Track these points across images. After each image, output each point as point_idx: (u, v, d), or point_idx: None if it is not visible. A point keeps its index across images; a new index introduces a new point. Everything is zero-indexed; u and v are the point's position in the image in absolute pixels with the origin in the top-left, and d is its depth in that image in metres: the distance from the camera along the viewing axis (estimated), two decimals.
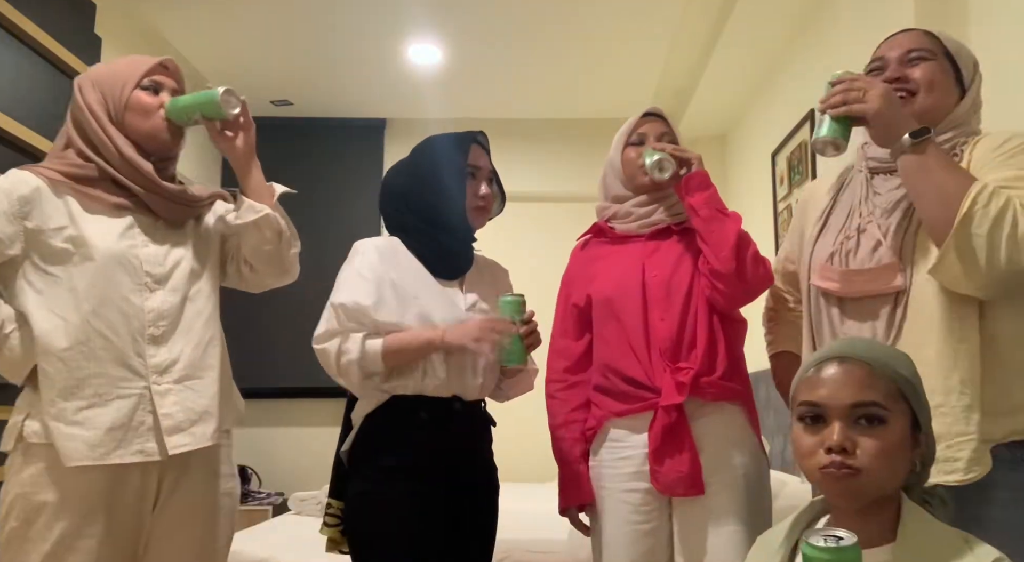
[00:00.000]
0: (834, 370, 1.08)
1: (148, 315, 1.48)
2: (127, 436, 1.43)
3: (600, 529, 1.71)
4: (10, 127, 2.67)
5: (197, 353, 1.53)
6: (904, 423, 1.06)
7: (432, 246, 1.70)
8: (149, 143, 1.53)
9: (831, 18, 2.99)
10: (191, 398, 1.50)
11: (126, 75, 1.53)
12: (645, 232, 1.77)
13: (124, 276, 1.47)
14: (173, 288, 1.52)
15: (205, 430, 1.50)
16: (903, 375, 1.08)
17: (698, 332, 1.67)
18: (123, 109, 1.51)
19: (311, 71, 4.20)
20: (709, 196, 1.67)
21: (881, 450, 1.04)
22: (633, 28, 3.73)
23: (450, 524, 1.61)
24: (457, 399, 1.64)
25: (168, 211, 1.55)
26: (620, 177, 1.80)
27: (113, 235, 1.48)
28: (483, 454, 1.73)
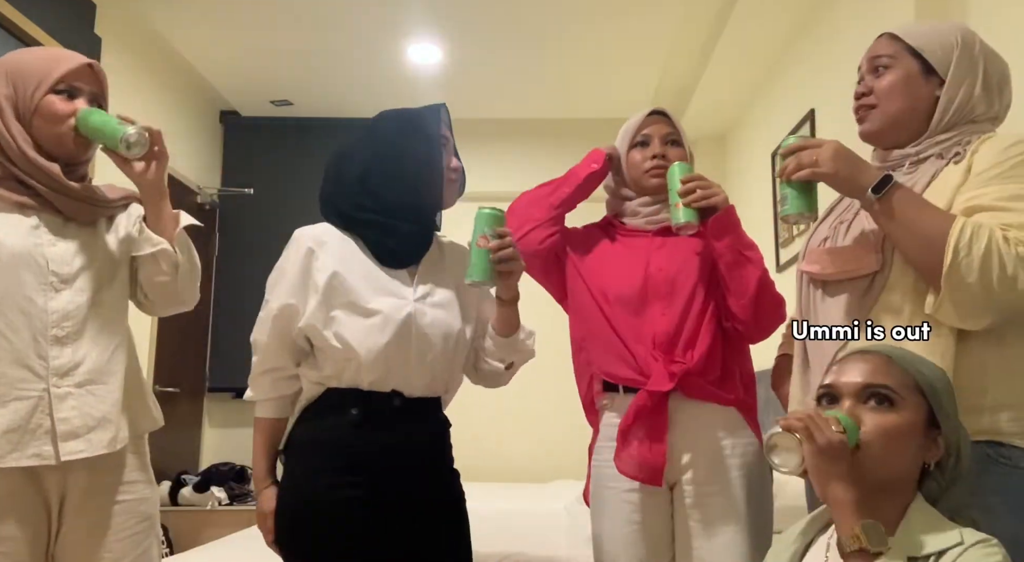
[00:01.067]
0: (854, 359, 1.12)
1: (52, 316, 1.42)
2: (23, 439, 1.37)
3: (601, 528, 1.71)
4: None
5: (103, 358, 1.47)
6: (915, 415, 1.07)
7: (382, 233, 1.57)
8: (55, 149, 1.46)
9: (831, 18, 2.99)
10: (91, 403, 1.44)
11: (42, 74, 1.45)
12: (652, 229, 1.76)
13: (28, 275, 1.41)
14: (80, 288, 1.46)
15: (102, 437, 1.43)
16: (923, 372, 1.09)
17: (699, 333, 1.66)
18: (31, 112, 1.44)
19: (311, 71, 4.20)
20: (734, 240, 1.64)
21: (883, 429, 1.05)
22: (633, 28, 3.73)
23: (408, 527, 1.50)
24: (397, 395, 1.52)
25: (75, 210, 1.49)
26: (627, 178, 1.79)
27: (18, 233, 1.42)
28: (436, 458, 1.59)
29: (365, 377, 1.50)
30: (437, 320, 1.55)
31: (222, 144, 4.69)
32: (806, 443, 1.03)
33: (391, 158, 1.59)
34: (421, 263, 1.60)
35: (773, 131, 3.73)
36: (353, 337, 1.49)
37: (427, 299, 1.56)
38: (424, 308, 1.54)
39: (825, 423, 1.04)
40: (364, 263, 1.56)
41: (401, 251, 1.58)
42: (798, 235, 3.40)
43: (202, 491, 3.86)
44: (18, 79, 1.46)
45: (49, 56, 1.50)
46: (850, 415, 1.08)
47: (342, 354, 1.49)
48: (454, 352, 1.59)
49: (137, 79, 3.70)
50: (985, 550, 0.98)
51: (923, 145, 1.39)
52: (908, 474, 1.07)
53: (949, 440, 1.08)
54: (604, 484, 1.70)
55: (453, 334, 1.57)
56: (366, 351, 1.48)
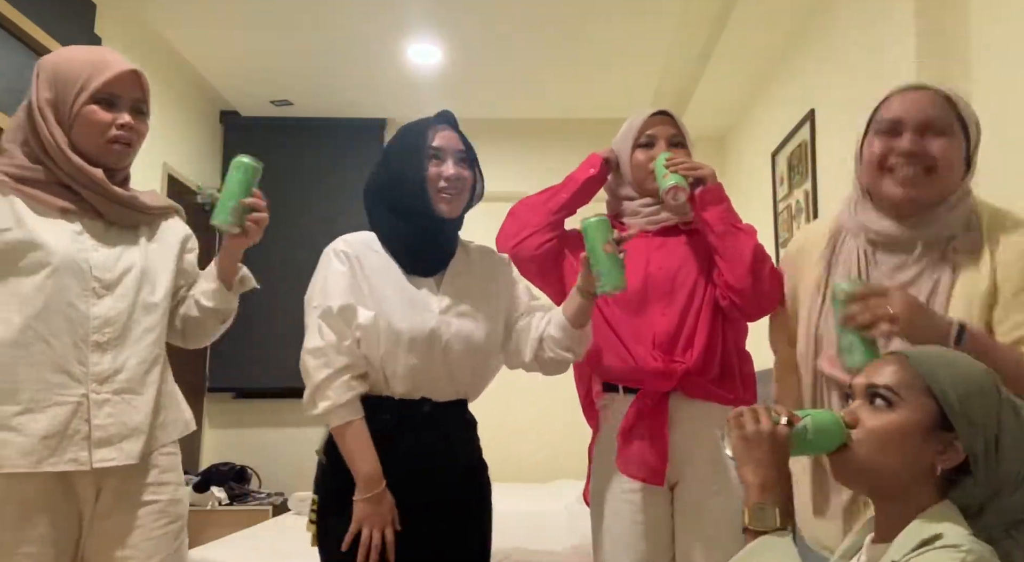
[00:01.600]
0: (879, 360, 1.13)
1: (93, 321, 1.44)
2: (61, 444, 1.39)
3: (601, 528, 1.71)
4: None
5: (141, 369, 1.49)
6: (915, 416, 1.04)
7: (402, 239, 1.62)
8: (95, 156, 1.47)
9: (831, 18, 2.99)
10: (126, 412, 1.45)
11: (83, 81, 1.45)
12: (652, 229, 1.76)
13: (72, 281, 1.42)
14: (121, 294, 1.47)
15: (133, 447, 1.45)
16: (938, 374, 1.05)
17: (697, 332, 1.66)
18: (72, 119, 1.45)
19: (311, 71, 4.20)
20: (723, 210, 1.64)
21: (871, 428, 1.06)
22: (633, 28, 3.72)
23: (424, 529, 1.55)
24: (426, 401, 1.58)
25: (117, 215, 1.51)
26: (628, 179, 1.79)
27: (64, 238, 1.43)
28: (463, 456, 1.65)
29: (396, 389, 1.56)
30: (462, 330, 1.60)
31: (222, 144, 4.68)
32: (733, 429, 1.11)
33: (391, 170, 1.65)
34: (447, 271, 1.65)
35: (773, 131, 3.73)
36: (384, 352, 1.54)
37: (452, 309, 1.61)
38: (449, 319, 1.59)
39: (756, 414, 1.10)
40: (393, 274, 1.60)
41: (422, 260, 1.63)
42: None
43: (202, 491, 3.86)
44: (59, 84, 1.45)
45: (90, 61, 1.48)
46: (851, 414, 1.08)
47: (373, 367, 1.56)
48: (479, 357, 1.64)
49: None
50: (945, 554, 0.94)
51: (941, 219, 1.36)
52: (913, 478, 1.04)
53: (972, 447, 1.02)
54: (604, 484, 1.70)
55: (478, 340, 1.62)
56: (393, 368, 1.55)
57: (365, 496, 1.50)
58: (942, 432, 1.04)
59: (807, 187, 3.28)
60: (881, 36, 2.44)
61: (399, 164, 1.63)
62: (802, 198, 3.34)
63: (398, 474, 1.53)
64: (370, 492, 1.50)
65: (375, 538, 1.49)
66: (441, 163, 1.61)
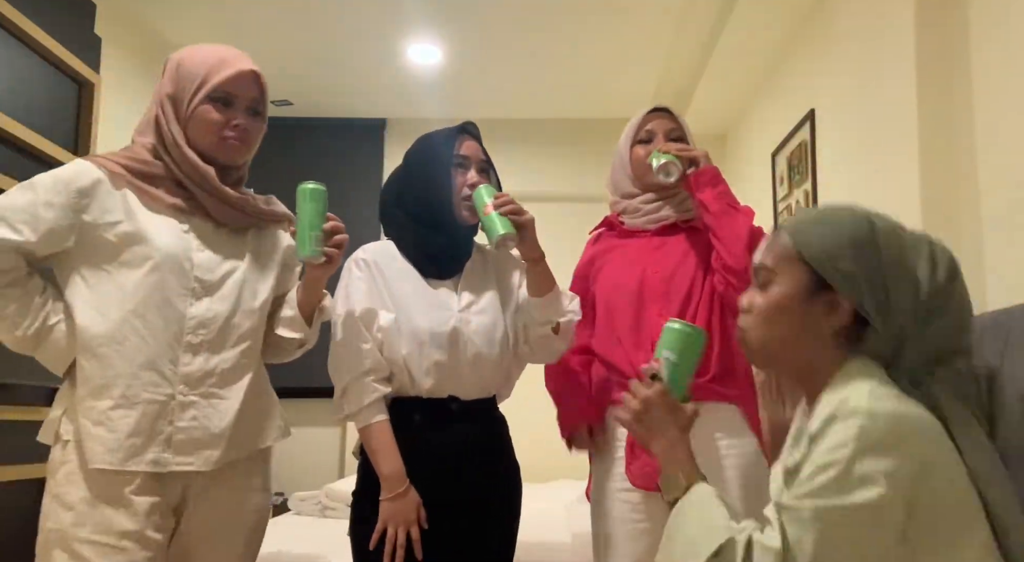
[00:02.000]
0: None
1: (189, 322, 1.43)
2: (145, 443, 1.38)
3: (600, 528, 1.71)
4: (10, 127, 2.67)
5: (232, 375, 1.47)
6: (791, 285, 1.05)
7: (422, 245, 1.67)
8: (209, 155, 1.49)
9: (831, 18, 2.99)
10: (210, 416, 1.44)
11: (201, 78, 1.46)
12: (652, 228, 1.77)
13: (173, 278, 1.42)
14: (222, 297, 1.47)
15: (212, 454, 1.43)
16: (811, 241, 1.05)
17: None
18: (188, 117, 1.47)
19: (311, 71, 4.20)
20: (720, 192, 1.65)
21: (757, 311, 1.10)
22: (633, 28, 3.73)
23: (453, 527, 1.59)
24: (454, 399, 1.62)
25: (226, 217, 1.50)
26: (629, 174, 1.80)
27: (170, 235, 1.43)
28: (493, 454, 1.68)
29: (422, 387, 1.60)
30: (482, 326, 1.64)
31: None
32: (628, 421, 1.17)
33: (414, 179, 1.68)
34: (463, 273, 1.69)
35: (773, 131, 3.73)
36: (407, 352, 1.58)
37: (471, 307, 1.66)
38: (469, 316, 1.64)
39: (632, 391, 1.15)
40: (412, 278, 1.65)
41: (440, 264, 1.67)
42: None
43: None
44: (181, 79, 1.47)
45: (213, 59, 1.49)
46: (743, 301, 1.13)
47: (399, 368, 1.59)
48: (501, 352, 1.67)
49: (137, 79, 3.69)
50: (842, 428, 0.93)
51: None
52: (812, 346, 1.04)
53: (858, 299, 1.01)
54: (603, 484, 1.71)
55: (498, 336, 1.66)
56: (418, 366, 1.58)
57: (388, 496, 1.53)
58: (823, 293, 1.03)
59: (807, 187, 3.28)
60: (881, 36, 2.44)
61: (425, 173, 1.67)
62: (802, 198, 3.34)
63: (426, 472, 1.56)
64: (393, 492, 1.53)
65: (400, 537, 1.51)
66: (466, 171, 1.66)
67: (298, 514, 3.49)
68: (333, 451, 4.58)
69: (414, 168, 1.70)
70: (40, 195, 1.38)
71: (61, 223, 1.38)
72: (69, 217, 1.39)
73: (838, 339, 1.04)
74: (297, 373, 1.66)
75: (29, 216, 1.37)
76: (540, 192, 4.58)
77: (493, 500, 1.65)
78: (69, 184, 1.39)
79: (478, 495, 1.62)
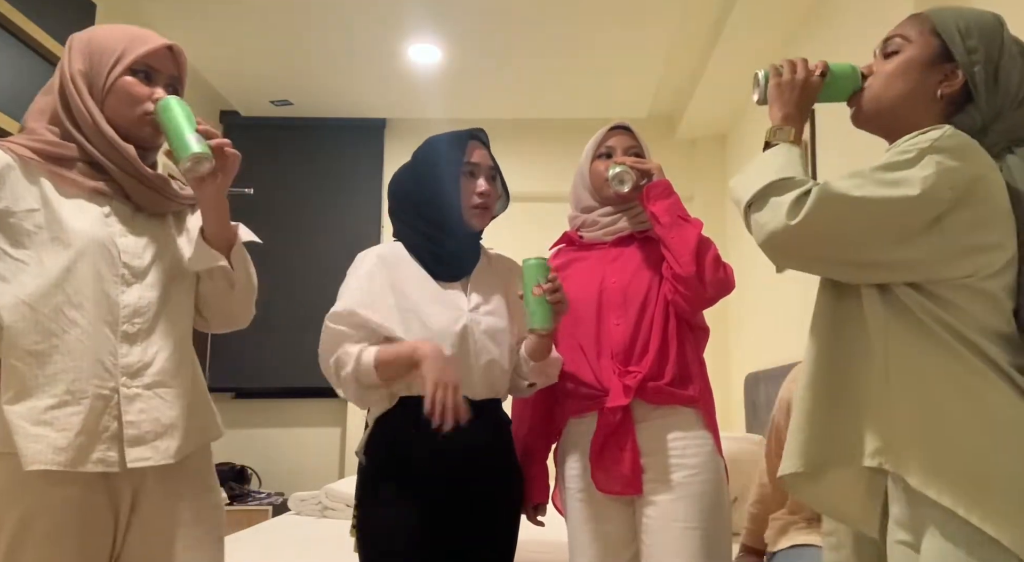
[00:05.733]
0: None
1: (123, 310, 1.33)
2: (90, 441, 1.27)
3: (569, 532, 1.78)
4: (10, 127, 2.67)
5: (172, 360, 1.38)
6: (920, 51, 1.21)
7: (432, 248, 1.69)
8: (127, 131, 1.38)
9: (831, 18, 3.00)
10: (159, 407, 1.34)
11: (119, 52, 1.38)
12: (609, 239, 1.83)
13: (102, 265, 1.32)
14: (150, 284, 1.37)
15: (169, 445, 1.34)
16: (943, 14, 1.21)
17: (651, 337, 1.71)
18: (105, 90, 1.37)
19: (311, 71, 4.20)
20: (670, 204, 1.72)
21: (882, 71, 1.24)
22: (633, 29, 3.73)
23: (456, 524, 1.60)
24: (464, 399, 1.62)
25: (147, 200, 1.41)
26: (588, 188, 1.87)
27: (92, 221, 1.34)
28: (497, 454, 1.70)
29: None
30: (491, 326, 1.67)
31: None
32: (772, 77, 1.32)
33: (423, 182, 1.69)
34: (472, 275, 1.72)
35: None
36: None
37: (481, 308, 1.68)
38: (479, 317, 1.66)
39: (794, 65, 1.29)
40: (423, 279, 1.67)
41: (452, 266, 1.70)
42: None
43: None
44: (94, 55, 1.39)
45: (127, 35, 1.43)
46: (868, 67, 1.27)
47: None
48: (509, 353, 1.70)
49: None
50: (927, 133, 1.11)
51: None
52: (919, 107, 1.20)
53: (971, 72, 1.17)
54: (566, 487, 1.78)
55: (505, 338, 1.69)
56: None
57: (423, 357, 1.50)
58: (945, 64, 1.19)
59: None
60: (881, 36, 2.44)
61: (435, 177, 1.68)
62: None
63: (433, 471, 1.58)
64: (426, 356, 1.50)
65: (449, 398, 1.48)
66: (475, 179, 1.69)
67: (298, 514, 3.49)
68: (333, 451, 4.58)
69: (423, 171, 1.71)
70: None
71: None
72: None
73: (944, 104, 1.20)
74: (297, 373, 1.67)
75: None
76: (540, 192, 4.58)
77: (497, 499, 1.67)
78: None
79: (484, 494, 1.63)
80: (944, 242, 1.08)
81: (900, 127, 1.20)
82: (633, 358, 1.71)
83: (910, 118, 1.20)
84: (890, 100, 1.22)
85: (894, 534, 1.11)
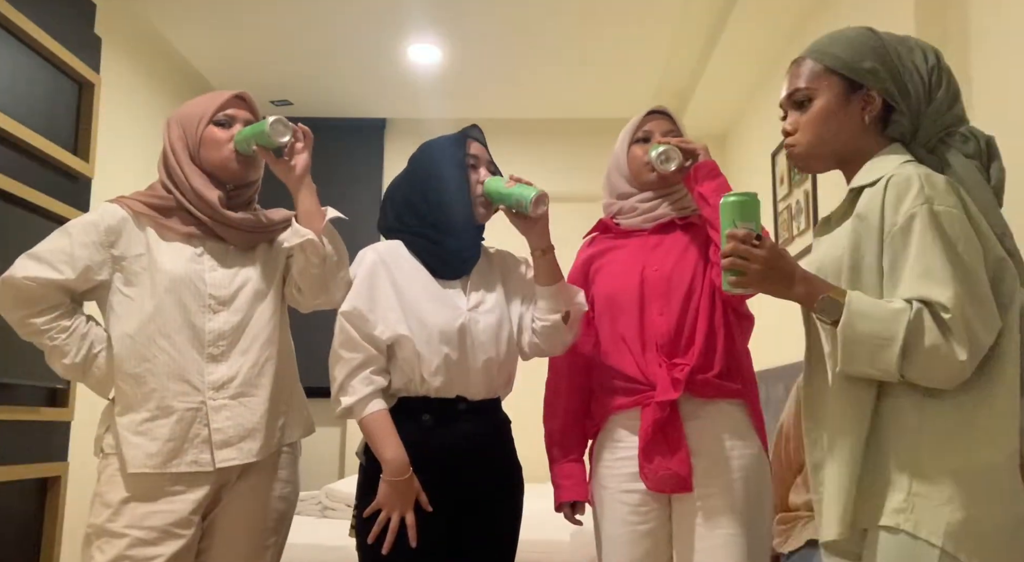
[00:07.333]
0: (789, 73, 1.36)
1: (209, 335, 1.60)
2: (183, 447, 1.56)
3: (600, 529, 1.71)
4: (10, 127, 2.67)
5: (253, 372, 1.62)
6: (831, 93, 1.27)
7: (434, 249, 1.70)
8: (222, 173, 1.65)
9: (831, 18, 3.00)
10: (243, 414, 1.60)
11: (202, 111, 1.66)
12: (649, 226, 1.76)
13: (189, 298, 1.59)
14: (236, 309, 1.63)
15: (252, 446, 1.60)
16: (828, 52, 1.28)
17: (697, 328, 1.66)
18: (198, 144, 1.65)
19: (311, 71, 4.20)
20: (719, 184, 1.64)
21: (804, 122, 1.29)
22: (633, 28, 3.73)
23: (455, 524, 1.60)
24: (461, 399, 1.64)
25: (237, 238, 1.66)
26: (625, 174, 1.80)
27: (182, 260, 1.60)
28: (497, 454, 1.70)
29: (431, 386, 1.61)
30: (489, 326, 1.67)
31: None
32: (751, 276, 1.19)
33: (426, 184, 1.70)
34: (472, 273, 1.72)
35: (773, 131, 3.73)
36: (418, 349, 1.60)
37: (480, 307, 1.69)
38: (477, 316, 1.66)
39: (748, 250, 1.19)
40: (423, 277, 1.68)
41: (452, 264, 1.70)
42: (798, 235, 3.40)
43: None
44: (185, 121, 1.67)
45: (206, 97, 1.71)
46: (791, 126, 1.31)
47: (409, 365, 1.61)
48: (507, 352, 1.70)
49: (137, 79, 3.70)
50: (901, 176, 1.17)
51: None
52: (855, 138, 1.26)
53: (884, 88, 1.24)
54: (602, 484, 1.71)
55: (504, 336, 1.69)
56: (428, 363, 1.60)
57: (389, 479, 1.55)
58: (856, 93, 1.26)
59: (807, 187, 3.28)
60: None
61: (439, 175, 1.70)
62: (802, 198, 3.34)
63: (431, 471, 1.58)
64: (394, 477, 1.55)
65: (394, 521, 1.54)
66: (477, 170, 1.71)
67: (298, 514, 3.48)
68: (333, 451, 4.58)
69: (424, 173, 1.72)
70: (75, 237, 1.59)
71: (95, 258, 1.59)
72: (101, 253, 1.60)
73: (875, 126, 1.27)
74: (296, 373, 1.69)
75: (67, 257, 1.57)
76: None
77: (497, 500, 1.67)
78: (98, 224, 1.60)
79: (482, 495, 1.63)
80: None
81: (846, 157, 1.30)
82: (679, 350, 1.65)
83: (849, 148, 1.28)
84: (827, 144, 1.28)
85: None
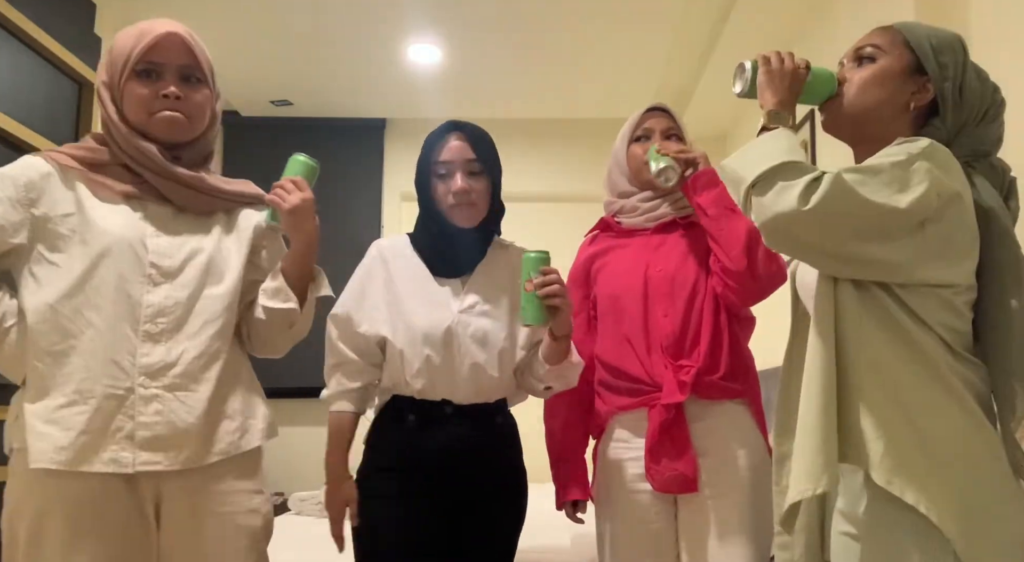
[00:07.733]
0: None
1: (147, 310, 1.32)
2: (100, 442, 1.26)
3: (607, 530, 1.71)
4: (10, 127, 2.67)
5: (198, 363, 1.35)
6: (895, 62, 1.25)
7: (430, 243, 1.68)
8: (146, 133, 1.39)
9: (831, 18, 2.99)
10: (176, 411, 1.31)
11: (124, 55, 1.39)
12: (651, 226, 1.76)
13: (125, 266, 1.32)
14: (182, 284, 1.36)
15: (179, 453, 1.31)
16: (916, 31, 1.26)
17: (702, 329, 1.65)
18: (120, 99, 1.39)
19: (311, 71, 4.19)
20: (717, 195, 1.62)
21: (858, 79, 1.26)
22: (633, 28, 3.72)
23: (455, 525, 1.59)
24: (447, 403, 1.60)
25: (185, 199, 1.40)
26: (625, 172, 1.79)
27: (119, 222, 1.34)
28: (496, 457, 1.66)
29: (413, 387, 1.59)
30: (480, 330, 1.61)
31: (222, 144, 4.68)
32: (760, 64, 1.31)
33: (417, 181, 1.70)
34: (475, 272, 1.67)
35: None
36: (401, 350, 1.60)
37: (474, 309, 1.63)
38: (468, 319, 1.61)
39: (782, 56, 1.29)
40: (419, 275, 1.65)
41: (445, 263, 1.66)
42: None
43: None
44: (110, 64, 1.41)
45: (134, 34, 1.41)
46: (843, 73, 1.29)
47: (393, 365, 1.62)
48: (501, 357, 1.62)
49: None
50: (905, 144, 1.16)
51: None
52: (891, 116, 1.24)
53: (941, 87, 1.23)
54: (609, 484, 1.71)
55: (499, 341, 1.62)
56: (409, 363, 1.58)
57: (327, 482, 1.63)
58: (918, 76, 1.24)
59: None
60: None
61: (419, 177, 1.69)
62: None
63: (418, 472, 1.58)
64: (328, 482, 1.64)
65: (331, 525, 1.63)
66: (448, 178, 1.62)
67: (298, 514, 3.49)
68: None
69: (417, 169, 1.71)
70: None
71: (9, 218, 1.31)
72: (18, 211, 1.32)
73: (912, 116, 1.25)
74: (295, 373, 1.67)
75: None
76: (540, 192, 4.59)
77: (497, 502, 1.64)
78: (16, 179, 1.33)
79: (481, 497, 1.61)
80: (925, 246, 1.13)
81: (868, 135, 1.26)
82: (684, 351, 1.64)
83: (880, 126, 1.25)
84: (865, 106, 1.26)
85: (838, 525, 1.17)
